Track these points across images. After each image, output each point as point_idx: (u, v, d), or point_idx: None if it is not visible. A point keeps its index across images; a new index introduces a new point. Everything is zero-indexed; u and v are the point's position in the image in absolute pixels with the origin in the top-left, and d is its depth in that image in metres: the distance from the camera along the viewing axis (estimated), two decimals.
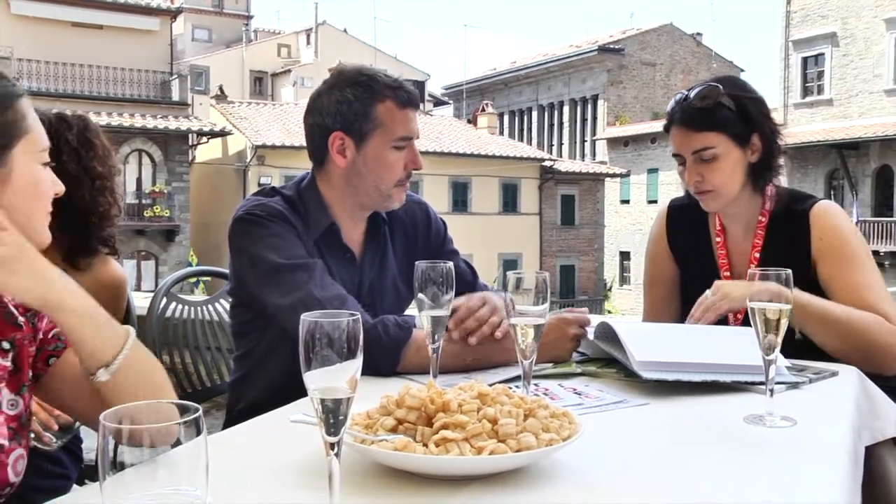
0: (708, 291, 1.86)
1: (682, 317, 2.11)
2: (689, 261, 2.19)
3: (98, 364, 1.16)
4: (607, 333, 1.74)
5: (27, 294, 1.10)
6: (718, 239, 2.12)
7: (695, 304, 1.88)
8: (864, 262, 1.96)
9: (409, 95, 1.85)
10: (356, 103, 1.81)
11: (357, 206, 1.90)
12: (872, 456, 1.60)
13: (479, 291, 1.79)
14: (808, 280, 1.96)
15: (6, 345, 1.21)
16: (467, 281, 2.02)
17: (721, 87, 1.97)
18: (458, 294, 1.54)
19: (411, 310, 1.68)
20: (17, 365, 1.22)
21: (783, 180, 2.15)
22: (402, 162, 1.85)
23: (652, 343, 1.66)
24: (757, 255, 2.05)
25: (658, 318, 2.18)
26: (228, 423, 1.76)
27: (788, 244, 2.01)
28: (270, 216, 1.78)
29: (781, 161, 2.06)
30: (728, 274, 2.08)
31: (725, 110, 1.96)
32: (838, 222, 1.99)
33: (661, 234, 2.24)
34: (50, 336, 1.27)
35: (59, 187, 1.27)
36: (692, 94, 2.00)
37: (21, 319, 1.23)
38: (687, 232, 2.19)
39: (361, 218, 1.93)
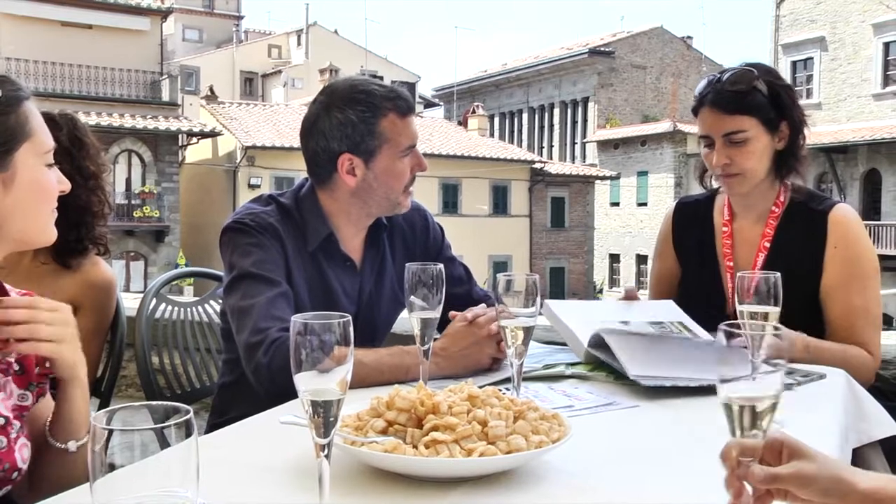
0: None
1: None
2: (691, 256, 2.20)
3: (70, 436, 1.25)
4: (600, 343, 1.73)
5: (65, 365, 1.21)
6: (725, 229, 2.12)
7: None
8: (868, 281, 1.97)
9: (406, 103, 1.85)
10: (360, 124, 1.80)
11: (364, 215, 1.90)
12: (859, 458, 1.61)
13: (479, 304, 1.78)
14: (814, 281, 1.98)
15: None
16: (463, 286, 2.02)
17: (755, 71, 1.97)
18: (454, 298, 1.54)
19: (404, 312, 1.68)
20: (22, 366, 1.26)
21: None
22: (409, 167, 1.86)
23: (646, 358, 1.65)
24: (767, 244, 2.05)
25: None
26: (211, 429, 1.75)
27: (802, 241, 2.01)
28: (259, 227, 1.78)
29: (805, 152, 2.04)
30: (731, 264, 2.08)
31: (759, 95, 1.95)
32: (856, 235, 2.00)
33: (668, 233, 2.27)
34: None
35: (65, 185, 1.30)
36: (725, 76, 1.99)
37: None
38: (692, 228, 2.21)
39: (364, 226, 1.93)
